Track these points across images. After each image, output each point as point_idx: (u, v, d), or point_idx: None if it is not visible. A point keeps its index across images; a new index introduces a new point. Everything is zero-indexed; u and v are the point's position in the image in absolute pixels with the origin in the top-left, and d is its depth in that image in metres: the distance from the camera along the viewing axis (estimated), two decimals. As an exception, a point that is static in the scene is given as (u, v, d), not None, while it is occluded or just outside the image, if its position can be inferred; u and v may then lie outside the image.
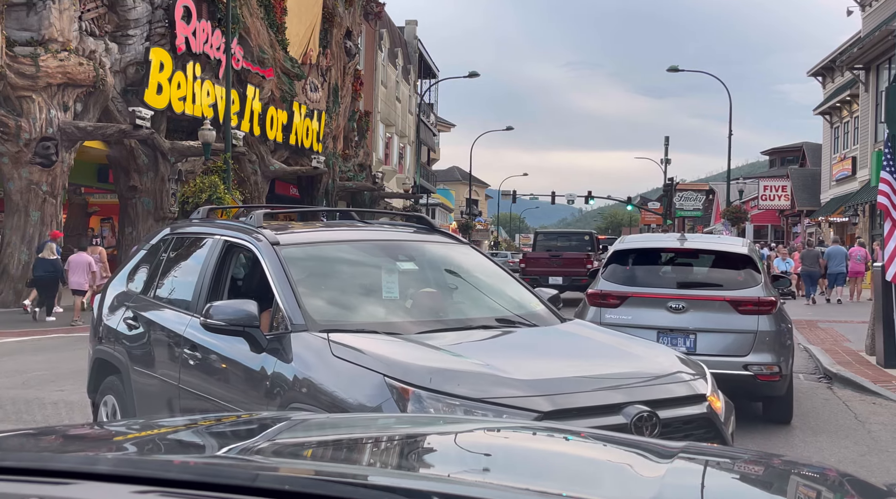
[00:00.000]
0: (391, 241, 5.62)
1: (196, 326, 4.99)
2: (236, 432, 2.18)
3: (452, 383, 3.95)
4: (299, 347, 4.37)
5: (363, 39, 43.39)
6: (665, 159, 56.18)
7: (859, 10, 38.21)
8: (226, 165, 23.69)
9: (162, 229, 6.53)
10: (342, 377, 4.10)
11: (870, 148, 34.02)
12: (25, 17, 19.85)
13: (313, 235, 5.54)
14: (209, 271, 5.27)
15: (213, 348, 4.88)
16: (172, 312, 5.47)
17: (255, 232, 5.16)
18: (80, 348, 13.92)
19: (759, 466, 2.03)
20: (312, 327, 4.46)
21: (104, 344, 6.17)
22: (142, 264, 6.33)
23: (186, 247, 5.93)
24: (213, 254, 5.33)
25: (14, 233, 20.22)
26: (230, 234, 5.37)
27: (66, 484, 1.45)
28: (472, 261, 5.78)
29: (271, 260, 4.86)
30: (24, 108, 19.83)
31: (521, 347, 4.73)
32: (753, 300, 8.09)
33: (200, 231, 5.86)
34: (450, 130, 79.65)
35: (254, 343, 4.53)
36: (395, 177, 52.64)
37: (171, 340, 5.31)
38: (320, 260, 5.21)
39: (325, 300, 4.85)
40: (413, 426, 2.47)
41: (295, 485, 1.38)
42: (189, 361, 5.04)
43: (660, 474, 1.72)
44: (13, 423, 7.94)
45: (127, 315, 5.93)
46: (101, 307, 6.45)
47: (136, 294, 6.05)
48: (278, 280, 4.73)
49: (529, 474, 1.76)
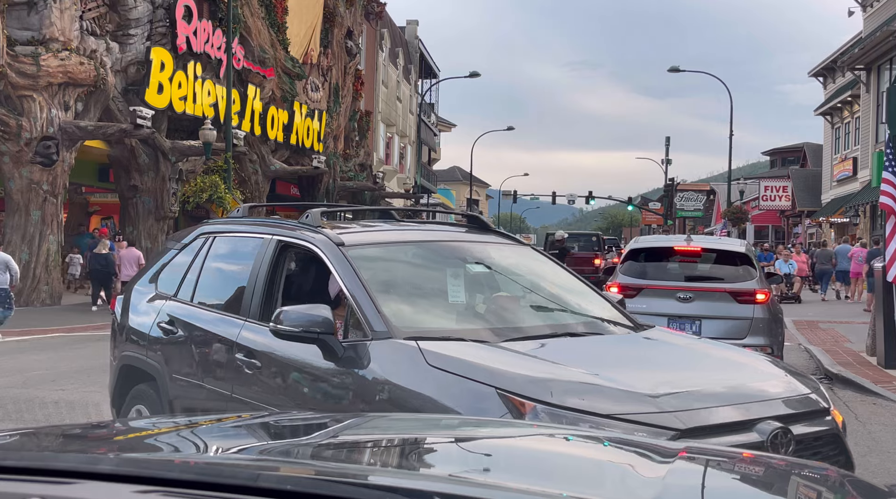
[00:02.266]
0: (455, 242, 5.32)
1: (252, 332, 4.71)
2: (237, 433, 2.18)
3: (575, 396, 3.65)
4: (385, 356, 4.07)
5: (364, 39, 43.39)
6: (666, 160, 56.14)
7: (860, 11, 38.19)
8: (226, 165, 23.69)
9: (194, 228, 6.12)
10: (443, 389, 3.79)
11: (871, 149, 34.00)
12: (26, 16, 19.85)
13: (376, 235, 5.18)
14: (262, 273, 4.91)
15: (276, 356, 4.53)
16: (219, 317, 5.14)
17: (317, 232, 4.82)
18: (81, 348, 13.93)
19: (760, 466, 2.03)
20: (396, 334, 4.14)
21: (132, 349, 5.80)
22: (172, 265, 5.92)
23: (230, 247, 5.59)
24: (265, 254, 4.96)
25: (15, 232, 20.22)
26: (285, 233, 5.01)
27: (68, 484, 1.45)
28: (536, 263, 5.50)
29: (339, 262, 4.54)
30: (25, 108, 19.83)
31: (625, 358, 4.43)
32: (750, 292, 9.45)
33: (245, 230, 5.49)
34: (450, 130, 79.64)
35: (328, 351, 4.23)
36: (396, 177, 52.64)
37: (221, 347, 4.96)
38: (386, 262, 4.91)
39: (400, 305, 4.53)
40: (412, 425, 2.47)
41: (296, 485, 1.38)
42: (244, 370, 4.67)
43: (661, 474, 1.72)
44: (13, 422, 7.95)
45: (161, 319, 5.53)
46: (126, 310, 6.06)
47: (171, 296, 5.65)
48: (351, 284, 4.41)
49: (530, 474, 1.76)
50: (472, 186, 66.90)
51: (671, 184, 56.64)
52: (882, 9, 35.29)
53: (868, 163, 34.28)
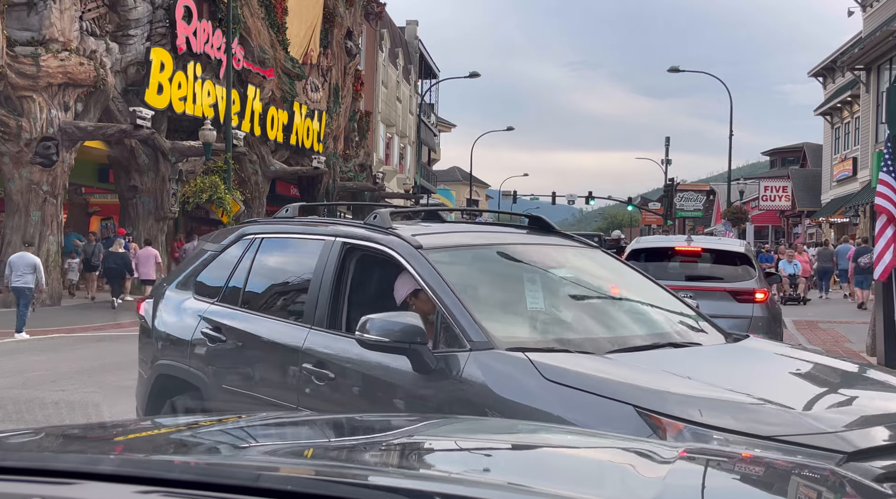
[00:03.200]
0: (527, 244, 5.00)
1: (321, 340, 4.42)
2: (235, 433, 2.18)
3: (727, 416, 3.32)
4: (490, 370, 3.75)
5: (364, 40, 43.40)
6: (666, 160, 56.14)
7: (860, 11, 38.19)
8: (226, 165, 23.69)
9: (234, 229, 5.78)
10: (569, 407, 3.46)
11: (870, 149, 34.00)
12: (26, 16, 19.85)
13: (449, 237, 4.79)
14: (327, 277, 4.57)
15: (354, 366, 4.23)
16: (278, 323, 4.79)
17: (389, 234, 4.50)
18: (81, 349, 13.94)
19: (760, 466, 2.03)
20: (498, 345, 3.83)
21: (170, 357, 5.39)
22: (210, 268, 5.55)
23: (283, 249, 5.27)
24: (330, 258, 4.63)
25: (14, 233, 20.22)
26: (351, 235, 4.69)
27: (68, 484, 1.45)
28: (611, 266, 5.19)
29: (422, 267, 4.23)
30: (25, 108, 19.83)
31: (753, 372, 4.11)
32: (749, 291, 9.69)
33: (300, 231, 5.16)
34: (450, 131, 79.65)
35: (419, 362, 3.89)
36: (396, 177, 52.65)
37: (283, 356, 4.63)
38: (464, 266, 4.58)
39: (489, 313, 4.20)
40: (411, 425, 2.47)
41: (297, 485, 1.38)
42: (313, 381, 4.34)
43: (661, 474, 1.72)
44: (14, 423, 7.95)
45: (205, 326, 5.16)
46: (159, 315, 5.64)
47: (213, 301, 5.28)
48: (439, 290, 4.10)
49: (531, 474, 1.76)
50: (472, 186, 66.91)
51: (671, 184, 56.65)
52: (882, 9, 35.30)
53: (868, 163, 34.28)
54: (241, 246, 5.38)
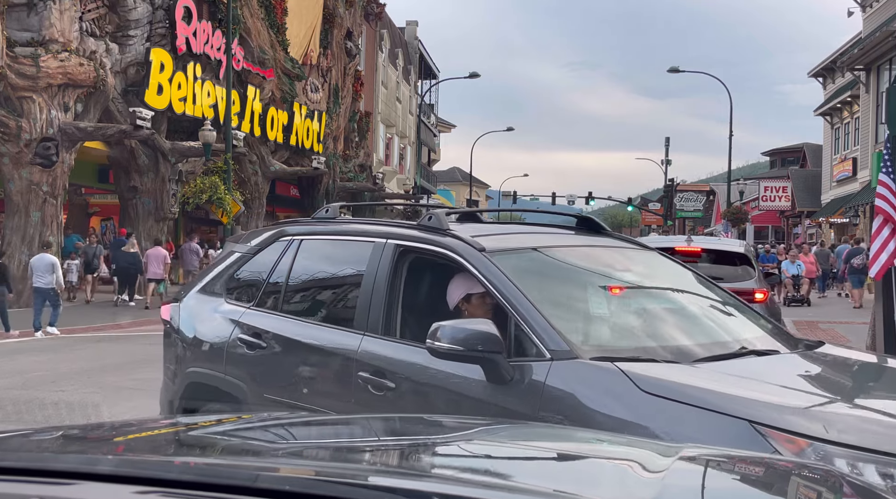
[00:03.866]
0: (585, 246, 4.75)
1: (377, 347, 4.19)
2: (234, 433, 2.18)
3: (854, 432, 3.08)
4: (577, 381, 3.53)
5: (364, 40, 43.41)
6: (666, 160, 56.18)
7: (860, 11, 38.20)
8: (226, 166, 23.70)
9: (267, 230, 5.47)
10: (674, 423, 3.22)
11: (870, 149, 34.01)
12: (26, 17, 19.86)
13: (508, 239, 4.51)
14: (381, 281, 4.33)
15: (418, 376, 4.00)
16: (327, 330, 4.55)
17: (447, 236, 4.27)
18: (80, 349, 13.94)
19: (760, 466, 2.03)
20: (582, 354, 3.60)
21: (202, 365, 5.13)
22: (243, 271, 5.28)
23: (326, 251, 5.01)
24: (382, 261, 4.39)
25: (14, 233, 20.22)
26: (406, 235, 4.46)
27: (67, 484, 1.45)
28: (673, 269, 4.95)
29: (489, 271, 3.99)
30: (25, 109, 19.84)
31: (847, 381, 3.90)
32: (748, 291, 9.53)
33: (345, 232, 4.92)
34: (450, 131, 79.67)
35: (494, 373, 3.65)
36: (396, 177, 52.66)
37: (334, 364, 4.42)
38: (530, 270, 4.32)
39: (563, 319, 3.94)
40: (414, 426, 2.47)
41: (295, 485, 1.38)
42: (369, 390, 4.11)
43: (660, 474, 1.72)
44: (13, 423, 7.95)
45: (240, 331, 4.89)
46: (185, 320, 5.37)
47: (250, 306, 5.01)
48: (511, 296, 3.87)
49: (531, 474, 1.76)
50: (472, 186, 66.94)
51: (671, 184, 56.68)
52: (882, 9, 35.31)
53: (868, 163, 34.29)
54: (278, 248, 5.09)
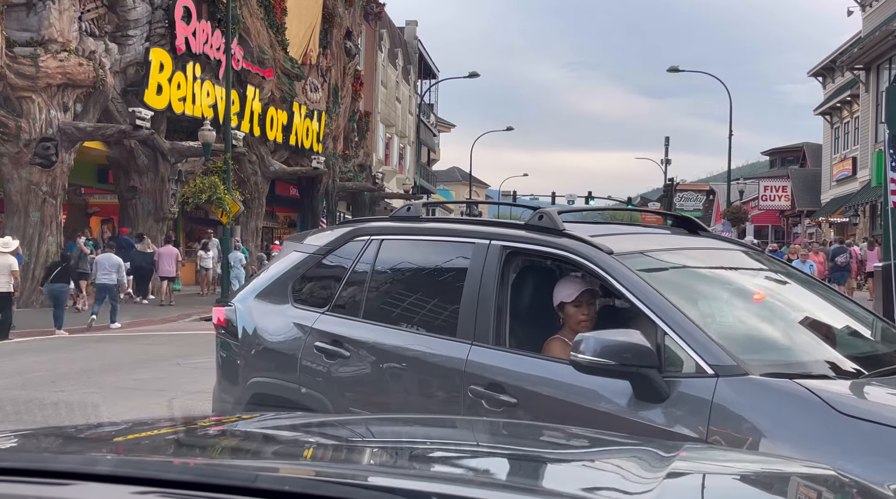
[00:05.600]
0: (701, 248, 4.37)
1: (490, 359, 3.83)
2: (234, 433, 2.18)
3: None
4: (754, 399, 3.14)
5: (363, 40, 43.41)
6: (665, 160, 56.20)
7: (860, 11, 38.22)
8: (226, 166, 23.70)
9: (337, 229, 5.06)
10: (878, 447, 2.87)
11: (870, 148, 34.02)
12: (25, 17, 19.86)
13: (628, 240, 4.15)
14: (487, 286, 3.97)
15: (547, 391, 3.65)
16: (425, 338, 4.18)
17: (566, 237, 3.93)
18: (80, 349, 13.94)
19: (760, 466, 2.03)
20: (752, 370, 3.21)
21: (270, 374, 4.74)
22: (311, 273, 4.91)
23: (414, 252, 4.63)
24: (487, 263, 4.03)
25: (14, 233, 20.18)
26: (515, 236, 4.10)
27: (66, 485, 1.44)
28: (789, 272, 4.54)
29: (625, 277, 3.65)
30: (24, 109, 19.83)
31: None
32: None
33: (437, 230, 4.56)
34: (450, 131, 79.69)
35: (648, 389, 3.30)
36: (396, 177, 52.67)
37: (440, 377, 4.02)
38: (664, 275, 3.98)
39: (716, 329, 3.57)
40: (416, 426, 2.47)
41: (295, 486, 1.38)
42: (485, 406, 3.75)
43: (660, 473, 1.72)
44: (13, 423, 7.95)
45: (316, 338, 4.51)
46: (245, 326, 4.95)
47: (324, 311, 4.63)
48: (656, 304, 3.52)
49: (530, 474, 1.76)
50: (472, 186, 66.94)
51: (671, 184, 56.70)
52: (881, 8, 35.33)
53: (867, 163, 34.30)
54: (353, 249, 4.71)
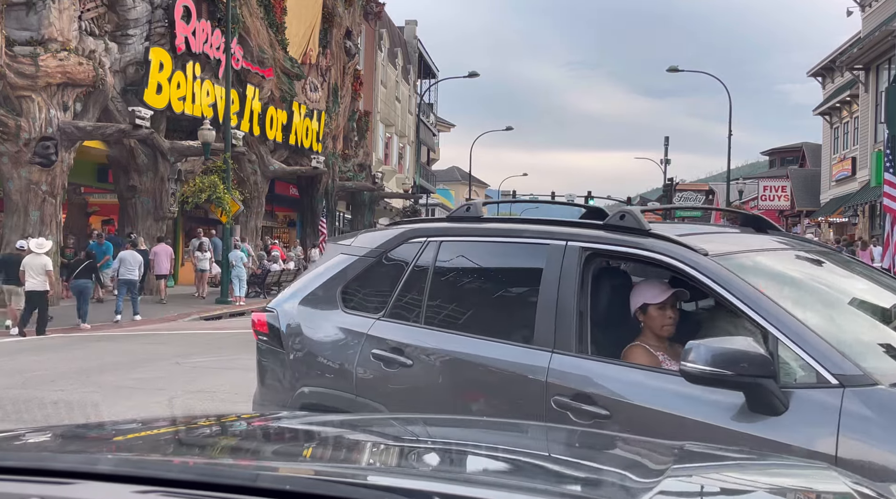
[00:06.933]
0: (791, 250, 4.14)
1: (577, 368, 3.60)
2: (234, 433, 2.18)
3: None
4: (885, 414, 2.93)
5: (363, 39, 43.40)
6: (665, 159, 56.23)
7: (859, 11, 38.22)
8: (225, 165, 23.70)
9: (388, 230, 4.80)
10: None
11: (870, 148, 34.03)
12: (25, 16, 19.84)
13: (716, 241, 3.89)
14: (568, 290, 3.75)
15: (644, 402, 3.39)
16: (498, 345, 3.91)
17: (656, 237, 3.72)
18: (80, 349, 13.93)
19: (759, 465, 2.03)
20: (881, 380, 3.02)
21: (322, 383, 4.50)
22: (361, 276, 4.64)
23: (477, 255, 4.37)
24: (565, 266, 3.80)
25: (13, 232, 20.20)
26: (595, 237, 3.86)
27: (67, 484, 1.45)
28: (866, 272, 4.30)
29: (727, 280, 3.42)
30: (24, 108, 19.82)
31: None
32: None
33: (504, 231, 4.28)
34: (449, 131, 79.67)
35: (763, 401, 3.06)
36: (395, 177, 52.65)
37: (517, 386, 3.76)
38: (765, 278, 3.70)
39: (828, 334, 3.31)
40: (416, 426, 2.48)
41: (295, 485, 1.38)
42: (571, 418, 3.51)
43: (660, 473, 1.72)
44: (13, 423, 7.94)
45: (373, 346, 4.27)
46: (291, 332, 4.71)
47: (379, 317, 4.38)
48: (766, 309, 3.29)
49: (530, 473, 1.76)
50: (472, 186, 66.92)
51: (670, 184, 56.71)
52: (881, 8, 35.32)
53: (867, 163, 34.31)
54: (408, 251, 4.45)
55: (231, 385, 10.22)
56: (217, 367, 12.00)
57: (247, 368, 11.67)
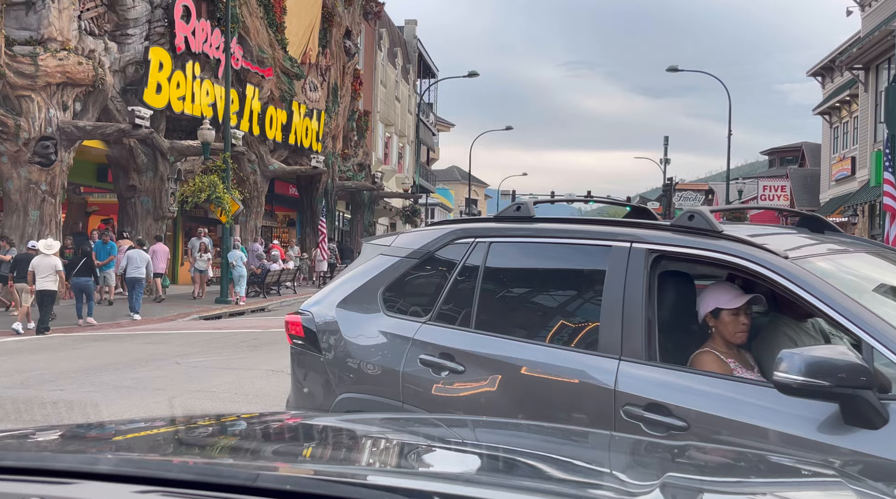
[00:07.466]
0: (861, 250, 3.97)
1: (650, 377, 3.43)
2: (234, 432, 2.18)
3: None
4: None
5: (362, 39, 43.39)
6: (664, 159, 56.24)
7: (859, 10, 38.22)
8: (225, 165, 23.69)
9: (432, 229, 4.58)
10: None
11: (869, 148, 34.03)
12: (24, 16, 19.84)
13: (784, 240, 3.74)
14: (635, 294, 3.60)
15: (731, 415, 3.20)
16: (557, 353, 3.75)
17: (729, 239, 3.53)
18: (80, 348, 13.93)
19: (760, 465, 2.03)
20: None
21: (361, 390, 4.34)
22: (403, 278, 4.47)
23: (532, 256, 4.22)
24: (630, 268, 3.65)
25: (13, 232, 20.21)
26: (664, 239, 3.69)
27: (67, 484, 1.44)
28: None
29: (813, 284, 3.26)
30: (24, 108, 19.82)
31: None
32: None
33: (559, 232, 4.05)
34: (449, 130, 79.68)
35: (859, 412, 2.91)
36: (395, 176, 52.65)
37: (582, 396, 3.60)
38: (844, 281, 3.52)
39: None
40: (413, 426, 2.47)
41: (295, 485, 1.38)
42: (644, 429, 3.37)
43: (660, 472, 1.72)
44: (13, 422, 7.94)
45: (421, 351, 4.11)
46: (330, 336, 4.54)
47: (424, 321, 4.22)
48: (859, 316, 3.13)
49: (530, 473, 1.76)
50: (471, 185, 66.92)
51: (670, 183, 56.71)
52: (880, 8, 35.32)
53: (867, 162, 34.31)
54: (455, 252, 4.28)
55: (231, 385, 10.23)
56: (217, 367, 12.00)
57: (247, 368, 11.69)
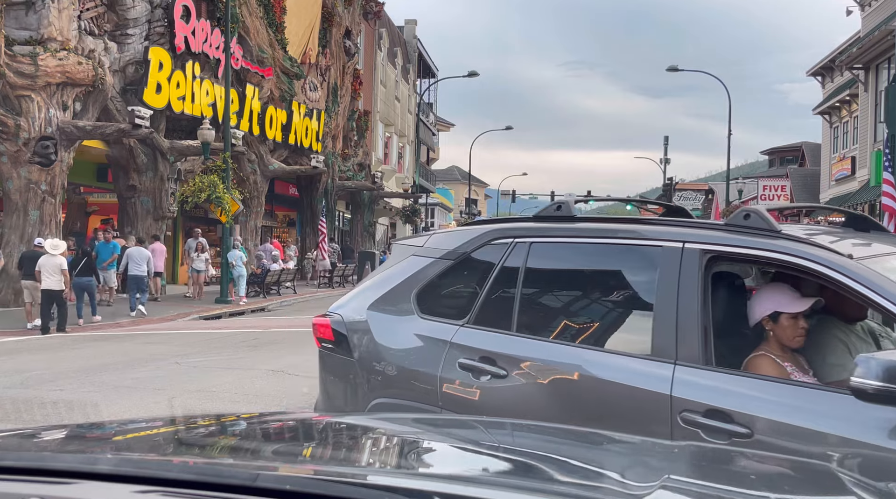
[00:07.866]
0: None
1: (708, 383, 3.29)
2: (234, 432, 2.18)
3: None
4: None
5: (362, 39, 43.39)
6: (664, 159, 56.26)
7: (859, 10, 38.22)
8: (225, 165, 23.68)
9: (468, 230, 4.43)
10: None
11: (869, 148, 34.03)
12: (24, 16, 19.84)
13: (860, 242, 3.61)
14: (689, 297, 3.45)
15: (799, 422, 3.07)
16: (608, 357, 3.62)
17: (790, 239, 3.40)
18: (80, 348, 13.93)
19: (760, 465, 2.03)
20: None
21: (397, 396, 4.19)
22: (438, 280, 4.32)
23: (576, 257, 4.06)
24: (683, 270, 3.51)
25: (13, 232, 20.21)
26: (719, 239, 3.54)
27: (67, 484, 1.44)
28: None
29: (884, 286, 3.15)
30: (24, 108, 19.82)
31: None
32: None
33: (604, 232, 3.93)
34: (449, 130, 79.68)
35: None
36: (395, 176, 52.65)
37: (636, 402, 3.44)
38: None
39: None
40: (411, 426, 2.47)
41: (295, 485, 1.38)
42: (703, 436, 3.23)
43: (660, 472, 1.72)
44: (12, 422, 7.94)
45: (460, 355, 3.96)
46: (361, 339, 4.40)
47: (462, 324, 4.06)
48: None
49: (530, 473, 1.76)
50: (471, 185, 66.91)
51: (670, 183, 56.75)
52: (880, 8, 35.32)
53: (867, 162, 34.31)
54: (493, 252, 4.13)
55: (231, 385, 10.23)
56: (217, 367, 12.00)
57: (247, 368, 11.69)
